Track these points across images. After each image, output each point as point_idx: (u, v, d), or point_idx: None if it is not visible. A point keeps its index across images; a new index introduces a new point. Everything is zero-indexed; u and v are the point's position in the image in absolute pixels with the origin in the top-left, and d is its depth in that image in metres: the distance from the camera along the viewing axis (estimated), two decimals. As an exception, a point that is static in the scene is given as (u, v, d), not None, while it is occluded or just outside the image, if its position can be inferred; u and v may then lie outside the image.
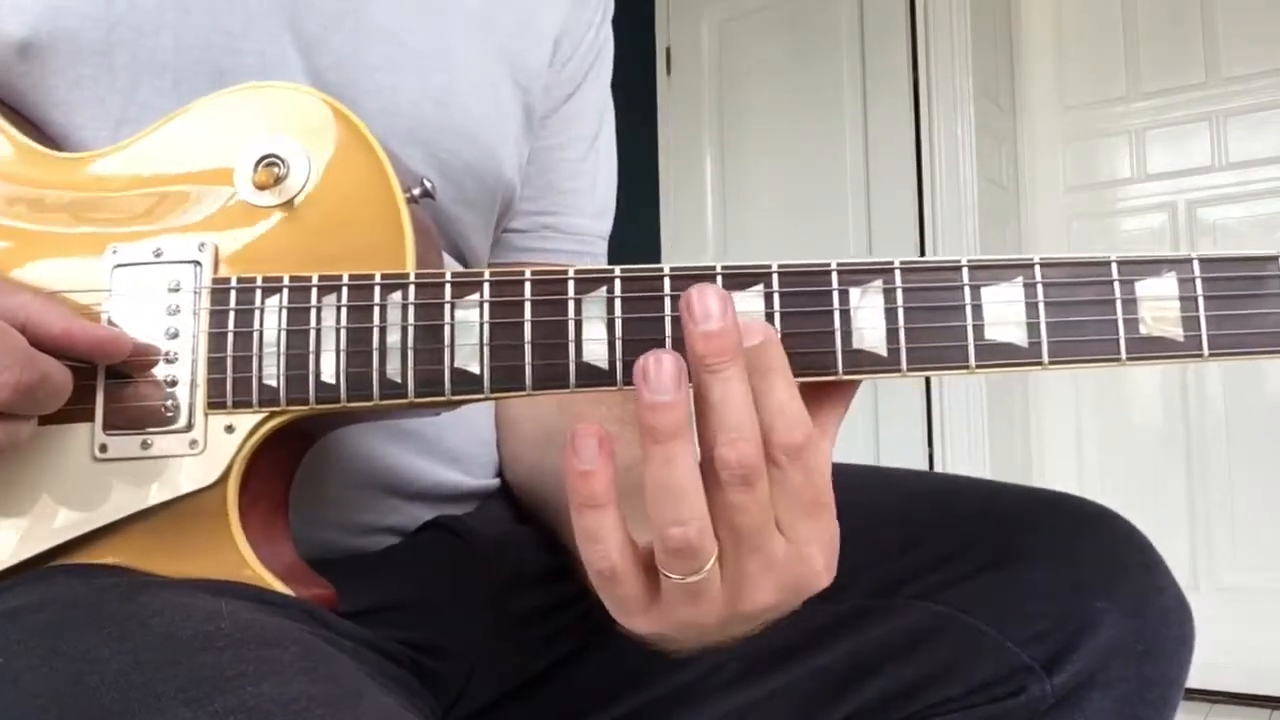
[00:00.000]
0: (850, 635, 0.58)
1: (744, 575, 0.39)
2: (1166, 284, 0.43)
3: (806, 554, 0.39)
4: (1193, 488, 2.35)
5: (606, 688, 0.60)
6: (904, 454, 2.34)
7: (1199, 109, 2.40)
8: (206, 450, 0.45)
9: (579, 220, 0.72)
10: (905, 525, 0.60)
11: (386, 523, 0.60)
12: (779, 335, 0.40)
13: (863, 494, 0.62)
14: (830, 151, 2.52)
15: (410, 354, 0.44)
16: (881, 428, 2.41)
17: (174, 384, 0.45)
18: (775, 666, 0.59)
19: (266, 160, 0.47)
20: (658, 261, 2.85)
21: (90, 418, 0.45)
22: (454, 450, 0.65)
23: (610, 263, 0.75)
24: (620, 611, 0.41)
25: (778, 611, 0.41)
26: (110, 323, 0.46)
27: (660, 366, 0.37)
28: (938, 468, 2.29)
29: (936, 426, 2.34)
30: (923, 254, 2.37)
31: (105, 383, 0.45)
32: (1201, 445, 2.35)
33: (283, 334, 0.45)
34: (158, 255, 0.46)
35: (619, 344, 0.43)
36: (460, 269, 0.54)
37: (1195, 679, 0.76)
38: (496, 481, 0.69)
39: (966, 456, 2.29)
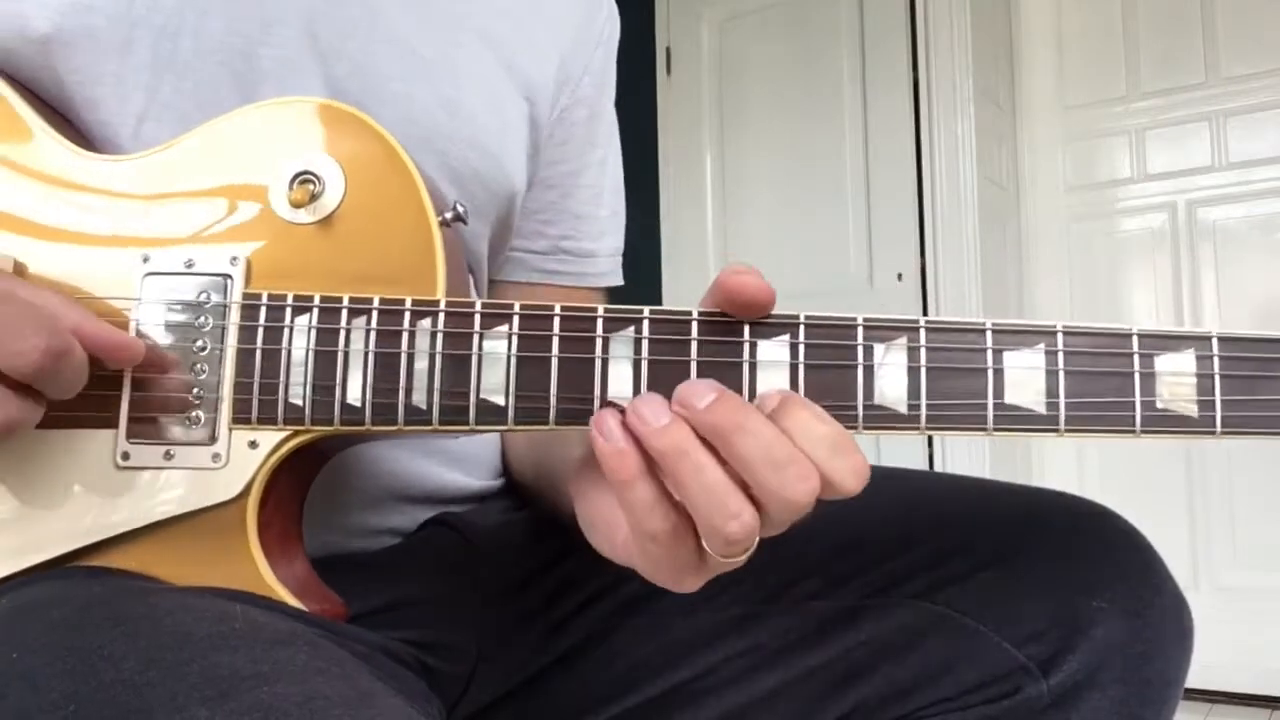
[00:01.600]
0: (847, 634, 0.58)
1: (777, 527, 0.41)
2: (1185, 360, 0.43)
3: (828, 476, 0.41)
4: (1193, 488, 2.35)
5: (607, 687, 0.61)
6: (904, 454, 2.33)
7: (1199, 109, 2.40)
8: (229, 464, 0.45)
9: (593, 244, 0.73)
10: (903, 524, 0.60)
11: (390, 524, 0.61)
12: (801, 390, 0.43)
13: (861, 493, 0.63)
14: (830, 151, 2.52)
15: (437, 383, 0.44)
16: (882, 427, 2.41)
17: (199, 397, 0.45)
18: (773, 666, 0.59)
19: (303, 177, 0.47)
20: (657, 261, 2.82)
21: (114, 425, 0.45)
22: (458, 452, 0.65)
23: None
24: (674, 574, 0.42)
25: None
26: (138, 330, 0.46)
27: (646, 398, 0.40)
28: (938, 468, 2.29)
29: (937, 426, 2.33)
30: (922, 254, 2.37)
31: (130, 391, 0.45)
32: (1201, 445, 2.35)
33: (311, 354, 0.45)
34: (189, 266, 0.46)
35: (644, 383, 0.43)
36: (487, 298, 0.55)
37: (1195, 679, 0.76)
38: (500, 482, 0.70)
39: (966, 456, 2.29)
